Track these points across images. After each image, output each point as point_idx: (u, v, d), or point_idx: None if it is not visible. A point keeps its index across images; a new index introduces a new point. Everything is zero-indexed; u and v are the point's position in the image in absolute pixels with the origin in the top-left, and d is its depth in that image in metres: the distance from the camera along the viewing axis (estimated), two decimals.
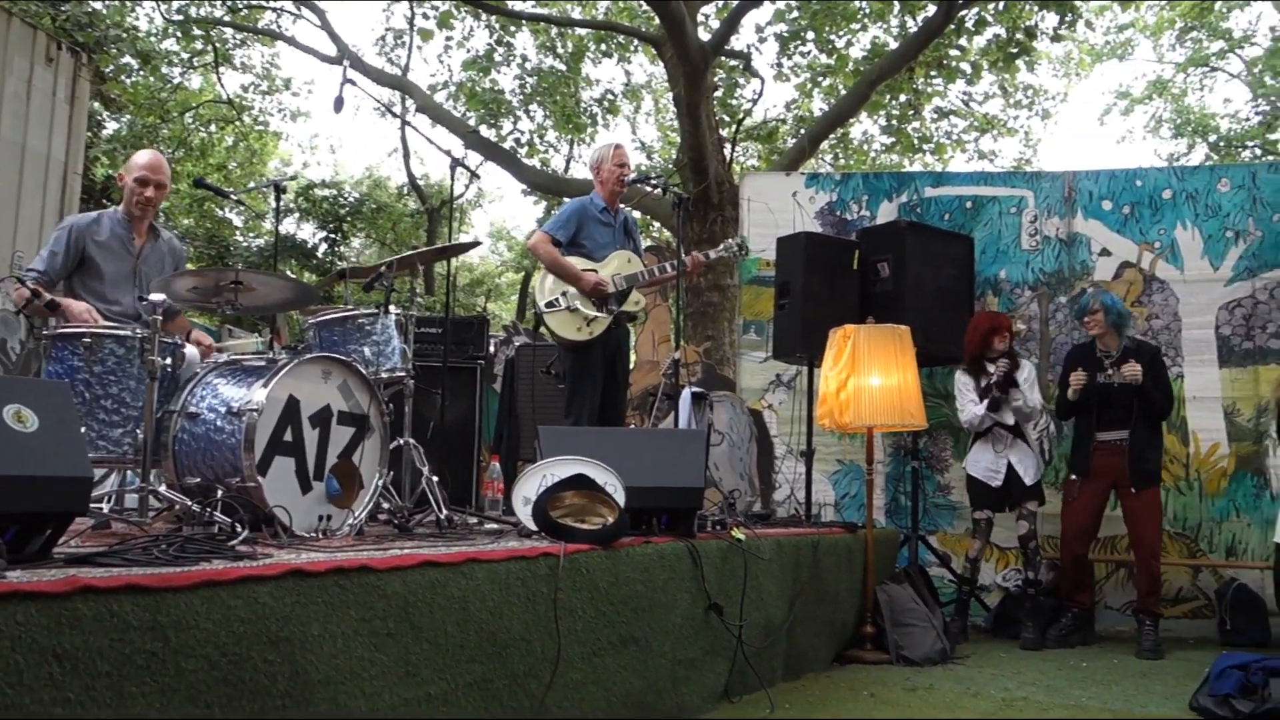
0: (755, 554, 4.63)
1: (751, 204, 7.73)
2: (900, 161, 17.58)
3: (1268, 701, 4.29)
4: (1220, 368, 6.88)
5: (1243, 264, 6.88)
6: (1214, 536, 6.78)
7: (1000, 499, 6.31)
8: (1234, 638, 6.37)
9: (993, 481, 6.29)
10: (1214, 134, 22.99)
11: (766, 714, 4.24)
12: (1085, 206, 7.21)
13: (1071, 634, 6.23)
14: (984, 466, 6.34)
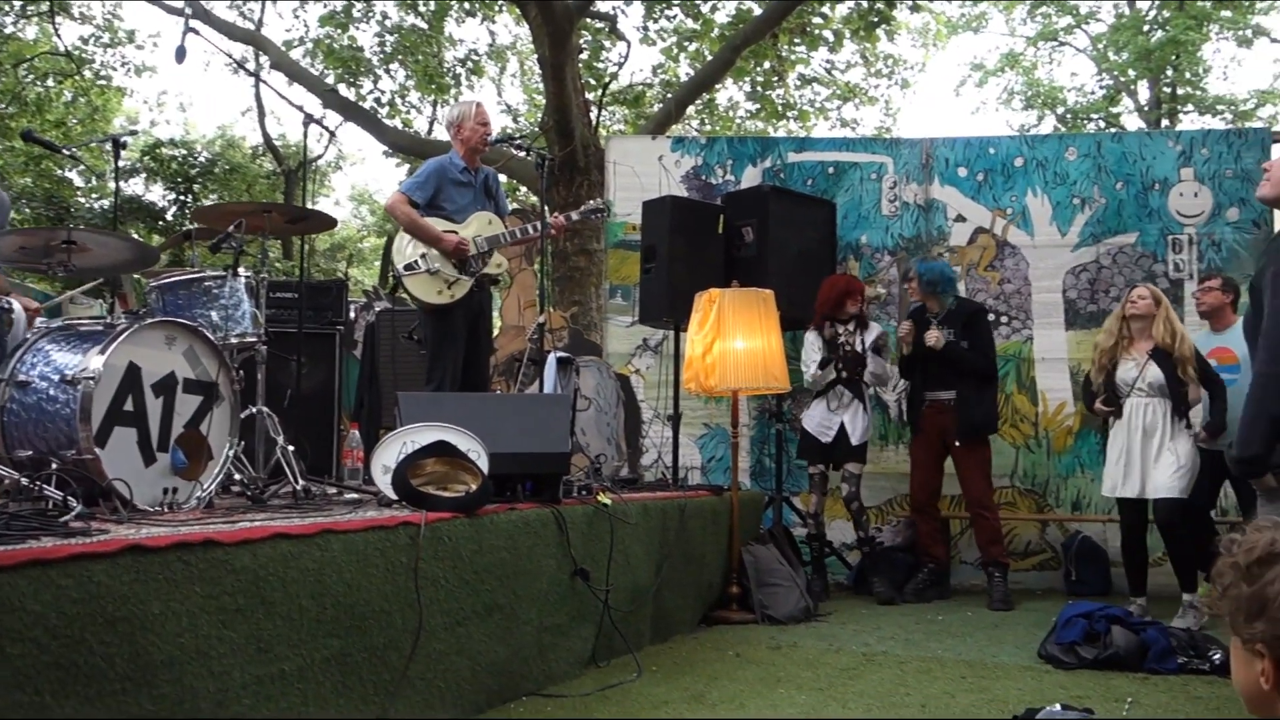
0: (622, 518, 4.61)
1: (617, 167, 7.67)
2: (765, 128, 17.75)
3: (1110, 648, 4.50)
4: (1067, 330, 7.16)
5: (1088, 230, 7.16)
6: (1061, 492, 7.08)
7: (828, 455, 6.46)
8: (1079, 588, 6.67)
9: (823, 437, 6.43)
10: (1061, 106, 23.93)
11: (633, 678, 4.24)
12: (942, 173, 7.38)
13: (928, 589, 6.43)
14: (817, 421, 6.47)
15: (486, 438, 4.00)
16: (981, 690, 4.13)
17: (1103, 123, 23.37)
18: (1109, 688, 4.17)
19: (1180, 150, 7.11)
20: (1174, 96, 22.98)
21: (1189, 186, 7.04)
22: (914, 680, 4.29)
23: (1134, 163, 7.13)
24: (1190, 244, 7.02)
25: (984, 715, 3.72)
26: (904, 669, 4.50)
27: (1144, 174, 7.11)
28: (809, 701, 3.92)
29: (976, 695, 4.05)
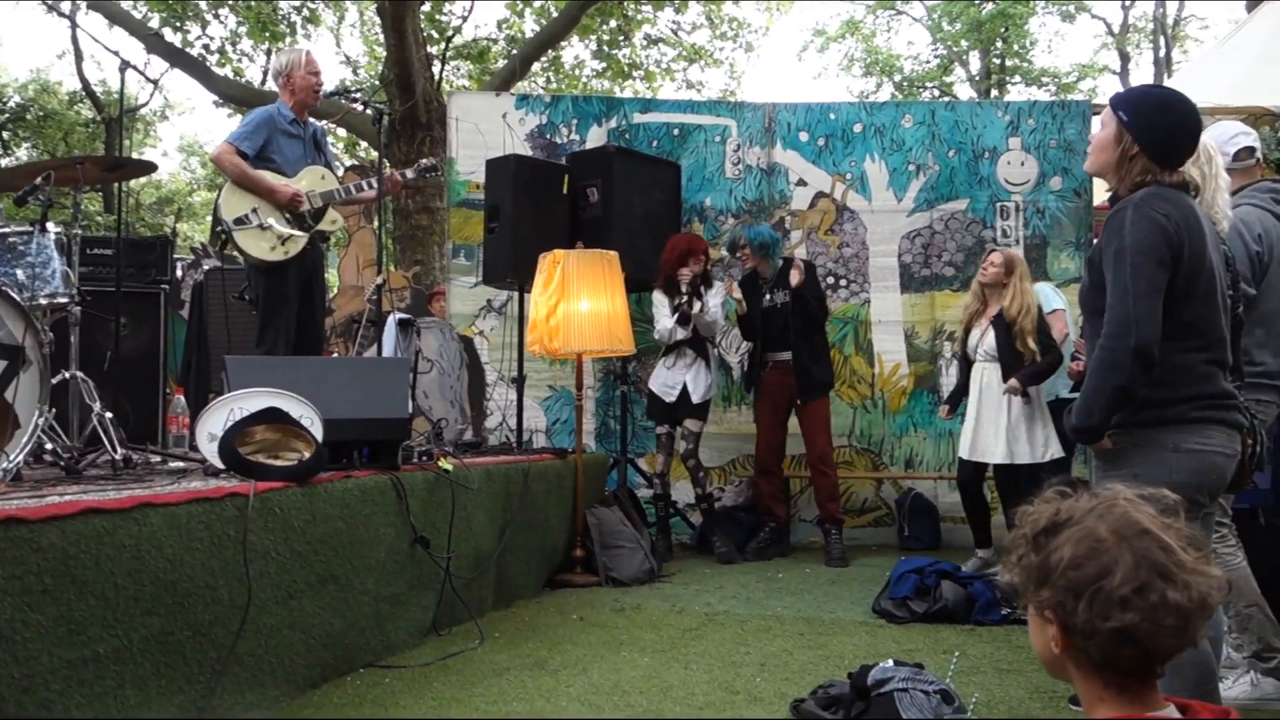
0: (464, 484, 4.53)
1: (460, 124, 7.48)
2: (611, 87, 17.66)
3: (939, 601, 4.67)
4: (902, 293, 7.36)
5: (922, 196, 7.36)
6: (895, 450, 7.32)
7: (672, 414, 6.51)
8: (911, 543, 6.93)
9: (667, 397, 6.49)
10: (899, 74, 24.61)
11: (475, 645, 4.18)
12: (784, 137, 7.45)
13: (768, 547, 6.56)
14: (662, 382, 6.52)
15: (321, 403, 3.85)
16: (819, 647, 4.23)
17: (937, 91, 24.16)
18: (938, 640, 4.33)
19: (1009, 120, 7.37)
20: (1003, 67, 23.93)
21: (1016, 155, 7.31)
22: (754, 639, 4.37)
23: (966, 131, 7.36)
24: (1017, 211, 7.30)
25: (821, 672, 3.81)
26: (744, 628, 4.57)
27: (975, 142, 7.34)
28: (651, 664, 3.94)
29: (814, 652, 4.14)
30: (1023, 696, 3.48)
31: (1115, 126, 2.67)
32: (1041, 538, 1.44)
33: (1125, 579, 1.34)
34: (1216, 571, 1.37)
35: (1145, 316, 2.50)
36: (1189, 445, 2.55)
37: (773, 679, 3.73)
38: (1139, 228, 2.55)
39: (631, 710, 3.37)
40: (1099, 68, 23.80)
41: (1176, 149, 2.65)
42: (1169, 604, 1.31)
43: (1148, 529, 1.38)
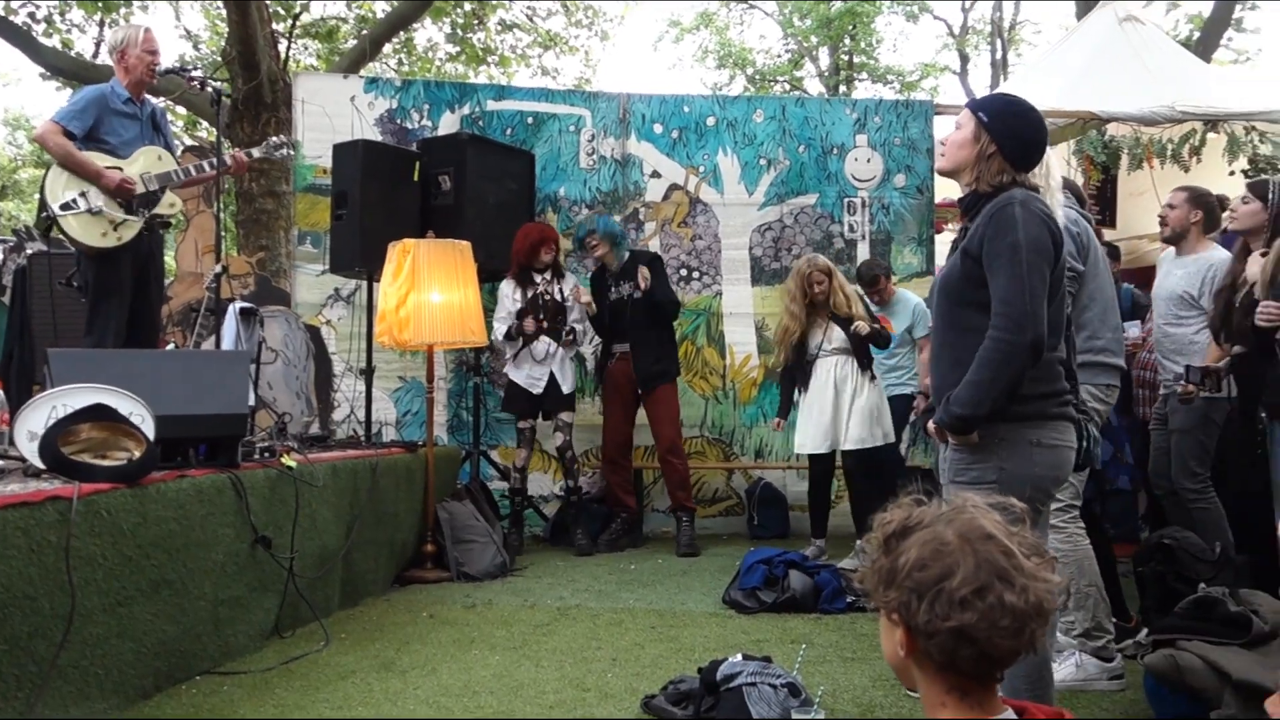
0: (308, 481, 4.38)
1: (306, 106, 7.22)
2: (465, 72, 17.39)
3: (788, 591, 4.76)
4: (753, 285, 7.47)
5: (773, 190, 7.48)
6: (745, 440, 7.43)
7: (538, 406, 6.47)
8: (760, 531, 7.06)
9: (533, 389, 6.43)
10: (751, 67, 24.99)
11: (320, 647, 4.06)
12: (638, 129, 7.46)
13: (620, 538, 6.58)
14: (526, 374, 6.45)
15: (153, 399, 3.65)
16: (670, 640, 4.25)
17: (788, 85, 24.63)
18: (786, 630, 4.41)
19: (856, 118, 7.54)
20: (850, 64, 24.55)
21: (863, 152, 7.50)
22: (606, 633, 4.36)
23: (815, 127, 7.50)
24: (863, 207, 7.49)
25: (672, 665, 3.83)
26: (596, 622, 4.57)
27: (824, 138, 7.50)
28: (502, 662, 3.89)
29: (665, 645, 4.17)
30: (866, 685, 3.57)
31: (974, 127, 2.75)
32: (893, 541, 1.48)
33: (966, 581, 1.37)
34: (1056, 578, 1.42)
35: (1040, 313, 2.57)
36: (1049, 440, 2.65)
37: (624, 674, 3.73)
38: (1032, 224, 2.60)
39: (481, 711, 3.32)
40: (940, 67, 24.67)
41: (1029, 154, 2.75)
42: (1006, 606, 1.35)
43: (992, 534, 1.42)
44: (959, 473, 2.71)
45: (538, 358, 6.40)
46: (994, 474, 2.64)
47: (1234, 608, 3.19)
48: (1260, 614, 3.12)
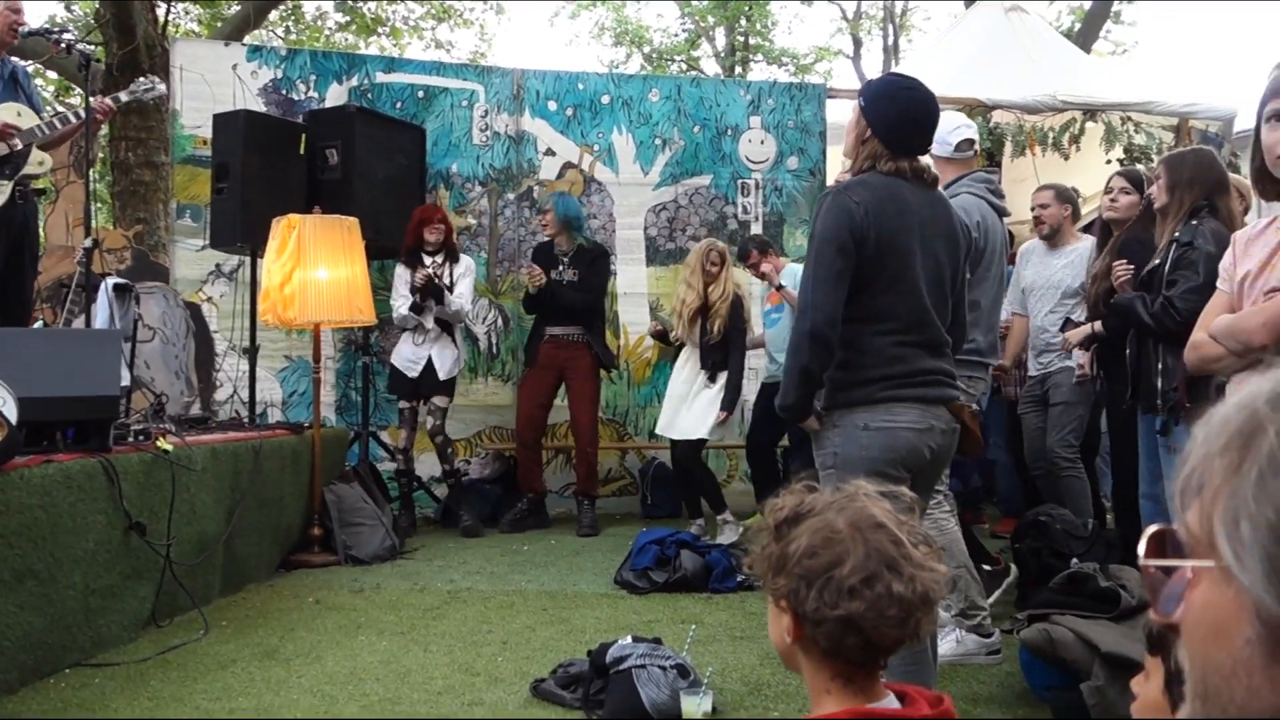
0: (185, 465, 4.23)
1: (185, 74, 6.93)
2: (355, 43, 16.97)
3: (679, 571, 4.78)
4: (648, 266, 7.46)
5: (668, 170, 7.47)
6: (639, 420, 7.43)
7: (416, 389, 6.37)
8: (654, 511, 7.08)
9: (410, 372, 6.33)
10: (648, 45, 24.94)
11: (199, 636, 3.93)
12: (533, 105, 7.37)
13: (526, 518, 6.53)
14: (405, 356, 6.35)
15: (16, 379, 3.47)
16: (562, 622, 4.23)
17: (685, 65, 24.67)
18: (677, 609, 4.43)
19: (750, 99, 7.57)
20: (746, 45, 24.69)
21: (757, 134, 7.54)
22: (497, 616, 4.32)
23: (710, 108, 7.51)
24: (757, 188, 7.53)
25: (563, 648, 3.81)
26: (487, 605, 4.52)
27: (719, 119, 7.51)
28: (390, 647, 3.82)
29: (557, 627, 4.15)
30: (754, 664, 3.61)
31: (857, 111, 2.80)
32: (784, 527, 1.47)
33: (855, 569, 1.37)
34: (942, 568, 1.43)
35: (821, 301, 2.62)
36: (877, 423, 2.67)
37: (514, 658, 3.70)
38: (828, 215, 2.66)
39: (366, 699, 3.26)
40: (834, 51, 24.99)
41: (904, 135, 2.76)
42: (893, 595, 1.36)
43: (882, 523, 1.42)
44: (815, 458, 2.80)
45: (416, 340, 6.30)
46: (830, 459, 2.72)
47: (1104, 583, 3.30)
48: (1128, 588, 3.24)
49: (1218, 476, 0.63)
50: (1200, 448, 0.66)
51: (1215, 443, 0.65)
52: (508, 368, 7.23)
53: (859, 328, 2.67)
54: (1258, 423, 0.62)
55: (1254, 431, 0.62)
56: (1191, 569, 0.65)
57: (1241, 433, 0.63)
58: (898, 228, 2.68)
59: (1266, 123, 2.09)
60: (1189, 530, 0.66)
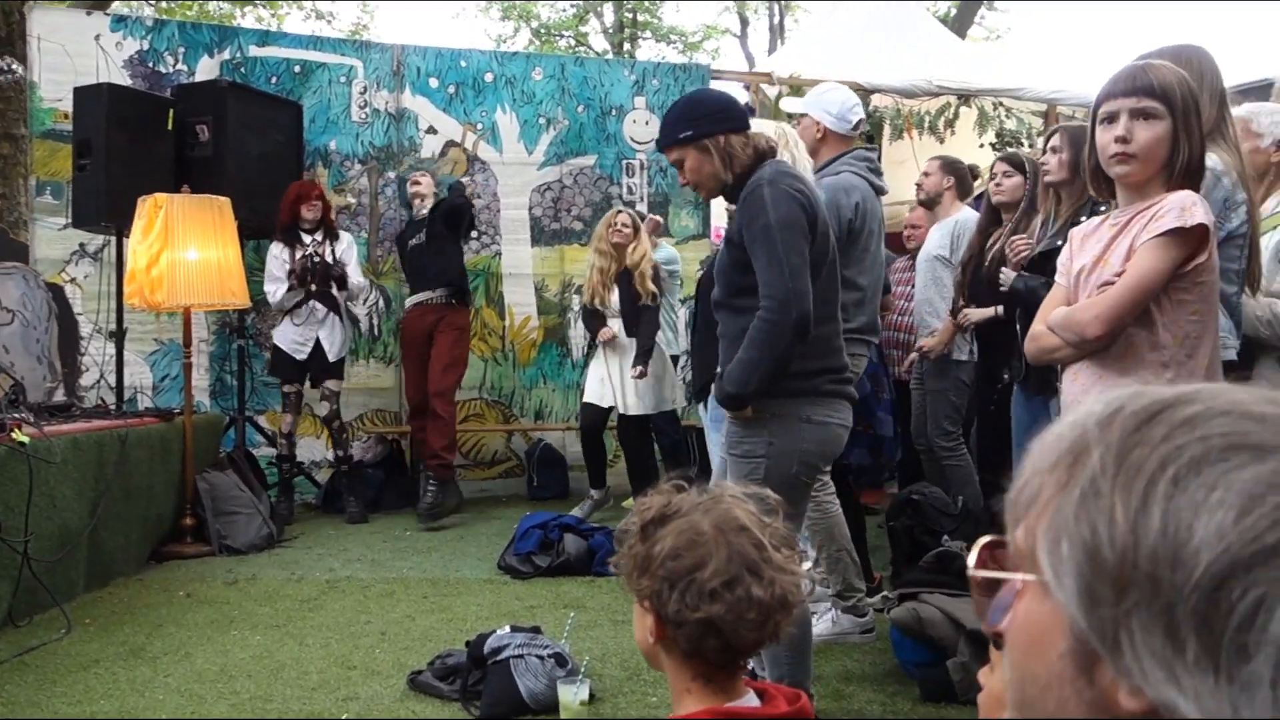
0: (43, 458, 4.05)
1: (43, 43, 6.60)
2: (231, 12, 16.40)
3: (562, 555, 4.77)
4: (532, 246, 7.40)
5: (553, 150, 7.41)
6: (525, 402, 7.39)
7: (304, 372, 6.23)
8: (540, 493, 7.05)
9: (298, 354, 6.17)
10: (535, 20, 24.67)
11: (60, 635, 3.78)
12: (414, 82, 7.22)
13: (442, 501, 6.41)
14: (291, 338, 6.18)
15: None
16: (443, 610, 4.19)
17: (573, 40, 24.49)
18: (560, 594, 4.42)
19: (634, 79, 7.56)
20: (635, 22, 24.62)
21: (641, 114, 7.53)
22: (376, 605, 4.26)
23: (595, 88, 7.47)
24: (642, 169, 7.53)
25: (443, 637, 3.77)
26: (367, 594, 4.45)
27: (603, 99, 7.47)
28: (263, 642, 3.73)
29: (437, 616, 4.10)
30: (634, 648, 3.61)
31: (695, 153, 2.72)
32: (650, 527, 1.47)
33: (717, 572, 1.38)
34: (802, 570, 1.45)
35: (803, 289, 2.57)
36: (819, 417, 2.69)
37: (393, 649, 3.65)
38: (781, 202, 2.60)
39: (236, 697, 3.17)
40: (721, 30, 25.09)
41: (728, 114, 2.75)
42: (753, 599, 1.37)
43: (746, 526, 1.43)
44: (734, 445, 2.75)
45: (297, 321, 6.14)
46: (764, 448, 2.68)
47: None
48: None
49: (1045, 493, 0.64)
50: (1032, 463, 0.67)
51: (1046, 459, 0.66)
52: (390, 349, 7.11)
53: None
54: (1086, 443, 0.63)
55: (1082, 451, 0.63)
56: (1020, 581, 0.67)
57: (1070, 451, 0.64)
58: (824, 215, 2.73)
59: (1100, 124, 2.16)
60: (1017, 544, 0.67)
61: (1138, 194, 2.16)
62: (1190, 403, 0.62)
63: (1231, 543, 0.54)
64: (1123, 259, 2.11)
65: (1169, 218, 2.05)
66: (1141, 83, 2.11)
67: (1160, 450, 0.59)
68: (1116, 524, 0.58)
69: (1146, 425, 0.61)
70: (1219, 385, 0.65)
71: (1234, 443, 0.58)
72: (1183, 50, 2.51)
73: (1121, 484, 0.59)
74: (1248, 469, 0.56)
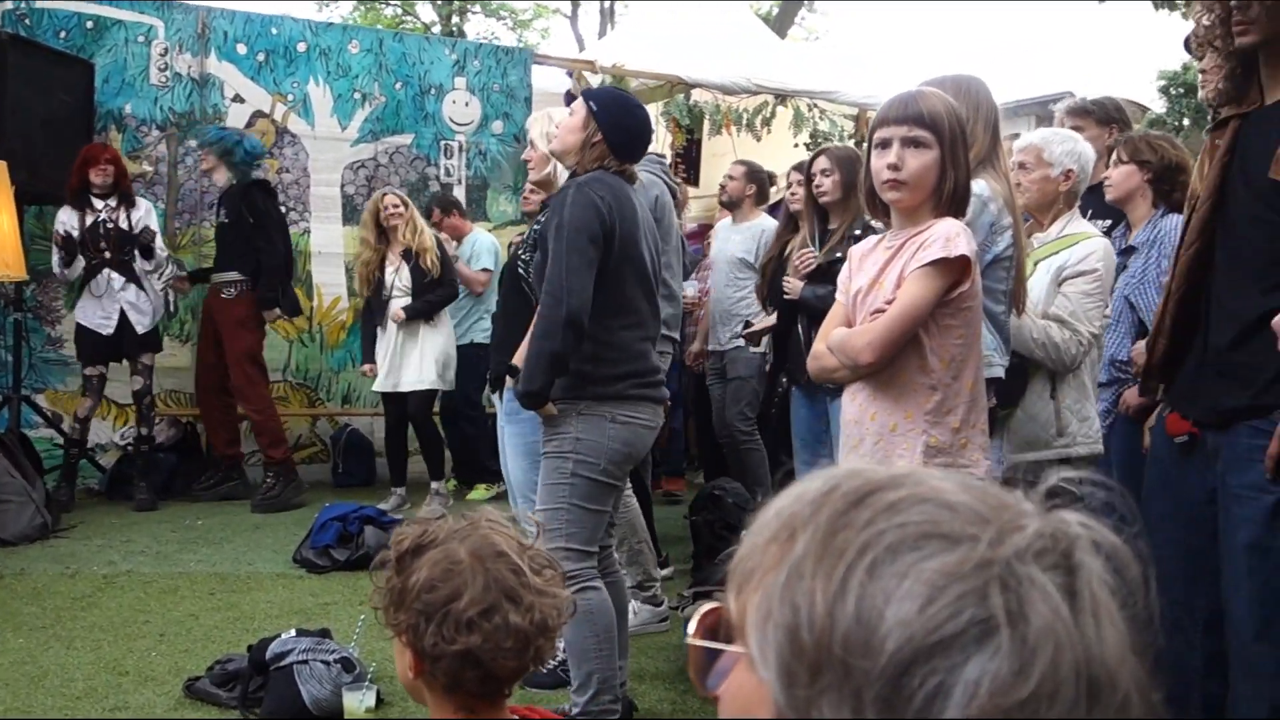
0: None
1: None
2: None
3: (362, 548, 4.65)
4: (344, 225, 7.15)
5: (368, 127, 7.17)
6: (332, 385, 7.14)
7: (112, 349, 5.86)
8: (345, 479, 6.85)
9: (104, 329, 5.80)
10: None
11: None
12: (220, 47, 6.85)
13: (221, 484, 6.16)
14: (93, 314, 5.80)
15: None
16: (230, 607, 4.02)
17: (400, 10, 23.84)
18: (357, 589, 4.31)
19: (455, 59, 7.39)
20: None
21: (461, 95, 7.37)
22: (157, 603, 4.05)
23: (413, 65, 7.27)
24: (460, 151, 7.38)
25: (228, 637, 3.62)
26: (148, 590, 4.23)
27: (422, 77, 7.28)
28: (26, 646, 3.49)
29: (224, 614, 3.94)
30: None
31: (585, 114, 2.85)
32: (406, 559, 1.43)
33: (474, 601, 1.35)
34: (565, 594, 1.44)
35: (576, 287, 2.68)
36: (624, 417, 2.80)
37: (171, 652, 3.48)
38: (576, 206, 2.72)
39: None
40: (552, 10, 24.90)
41: (633, 144, 2.91)
42: (510, 627, 1.34)
43: (504, 551, 1.40)
44: (544, 445, 2.85)
45: (96, 293, 5.77)
46: (570, 444, 2.78)
47: None
48: None
49: (761, 568, 0.64)
50: (752, 535, 0.67)
51: (764, 533, 0.66)
52: (186, 327, 6.74)
53: (607, 321, 2.77)
54: (799, 522, 0.64)
55: (794, 530, 0.64)
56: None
57: (785, 528, 0.64)
58: (633, 225, 2.83)
59: (875, 149, 2.24)
60: (734, 614, 0.67)
61: (909, 219, 2.26)
62: (898, 487, 0.63)
63: (915, 632, 0.55)
64: (894, 285, 2.20)
65: (934, 248, 2.13)
66: (912, 111, 2.20)
67: (863, 535, 0.60)
68: (815, 608, 0.59)
69: (854, 508, 0.62)
70: (926, 471, 0.66)
71: (927, 531, 0.59)
72: (961, 80, 2.62)
73: (824, 568, 0.60)
74: (935, 559, 0.57)
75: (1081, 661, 0.56)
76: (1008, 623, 0.55)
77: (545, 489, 2.82)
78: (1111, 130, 4.00)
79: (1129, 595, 0.62)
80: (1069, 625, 0.56)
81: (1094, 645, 0.57)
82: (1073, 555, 0.59)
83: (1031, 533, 0.59)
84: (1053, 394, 2.94)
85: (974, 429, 2.25)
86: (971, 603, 0.56)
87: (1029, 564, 0.58)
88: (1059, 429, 2.93)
